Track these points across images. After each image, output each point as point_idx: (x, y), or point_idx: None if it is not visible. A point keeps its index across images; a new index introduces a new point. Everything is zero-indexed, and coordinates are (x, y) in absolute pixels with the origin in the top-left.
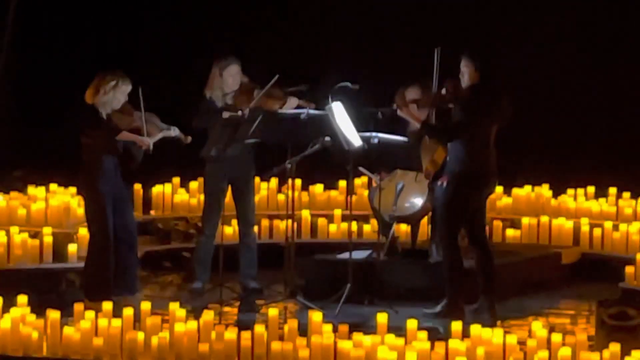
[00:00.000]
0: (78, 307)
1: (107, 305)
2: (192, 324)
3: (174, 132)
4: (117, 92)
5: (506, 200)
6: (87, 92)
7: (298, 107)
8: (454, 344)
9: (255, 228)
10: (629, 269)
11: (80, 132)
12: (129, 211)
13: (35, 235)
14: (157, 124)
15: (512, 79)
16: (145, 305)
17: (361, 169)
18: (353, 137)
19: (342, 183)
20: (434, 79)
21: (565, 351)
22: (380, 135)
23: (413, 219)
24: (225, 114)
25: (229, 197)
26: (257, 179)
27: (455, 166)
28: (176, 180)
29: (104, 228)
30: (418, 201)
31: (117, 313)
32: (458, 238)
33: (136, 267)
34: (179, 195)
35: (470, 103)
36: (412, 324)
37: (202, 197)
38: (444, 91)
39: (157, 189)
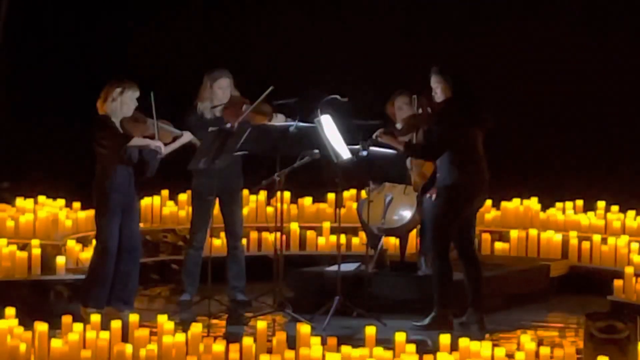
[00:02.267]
0: (66, 319)
1: (95, 318)
2: (180, 337)
3: (187, 137)
4: (125, 98)
5: (495, 213)
6: (97, 103)
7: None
8: (443, 357)
9: (244, 240)
10: (617, 282)
11: (93, 142)
12: (135, 223)
13: (23, 247)
14: (169, 130)
15: (501, 93)
16: (134, 318)
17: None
18: (342, 149)
19: (331, 196)
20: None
21: None
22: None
23: (401, 232)
24: (213, 129)
25: (217, 209)
26: (245, 192)
27: (447, 179)
28: (165, 192)
29: (109, 239)
30: (407, 214)
31: (105, 325)
32: (449, 250)
33: (137, 280)
34: (167, 208)
35: (446, 116)
36: (400, 336)
37: (190, 209)
38: (420, 111)
39: (145, 201)
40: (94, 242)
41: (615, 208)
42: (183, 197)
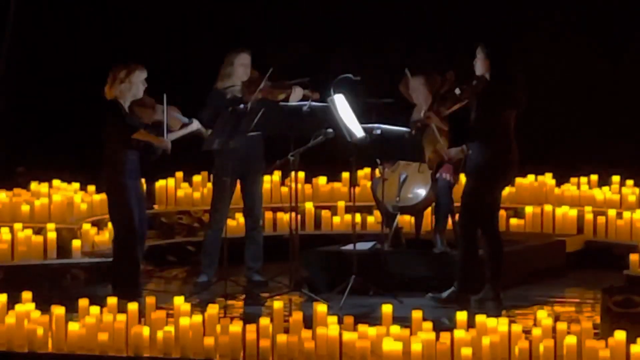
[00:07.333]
0: (83, 302)
1: (112, 300)
2: (197, 318)
3: (195, 125)
4: (133, 78)
5: (509, 190)
6: (105, 88)
7: (304, 96)
8: (459, 334)
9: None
10: (634, 257)
11: (101, 129)
12: (144, 207)
13: (39, 231)
14: (178, 117)
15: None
16: (150, 300)
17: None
18: (355, 128)
19: (345, 175)
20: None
21: (571, 339)
22: (383, 126)
23: (416, 210)
24: (227, 110)
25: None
26: None
27: (479, 157)
28: (179, 174)
29: (130, 222)
30: (421, 192)
31: (121, 308)
32: (477, 232)
33: (140, 262)
34: (182, 190)
35: (491, 97)
36: (417, 314)
37: (205, 190)
38: (457, 91)
39: (160, 183)
40: (109, 226)
41: (630, 182)
42: (197, 178)
